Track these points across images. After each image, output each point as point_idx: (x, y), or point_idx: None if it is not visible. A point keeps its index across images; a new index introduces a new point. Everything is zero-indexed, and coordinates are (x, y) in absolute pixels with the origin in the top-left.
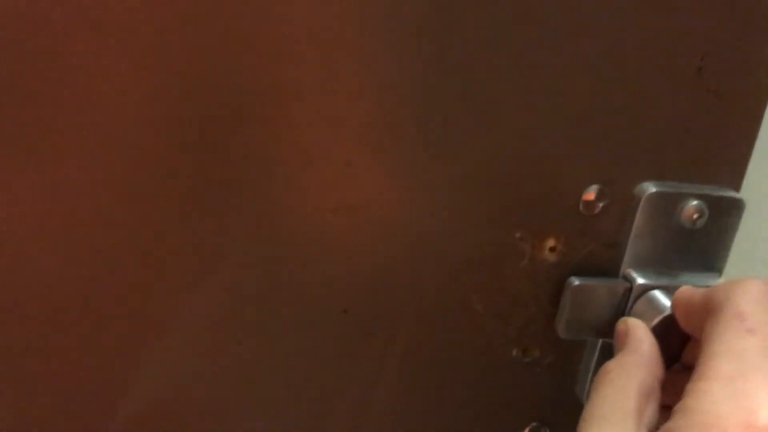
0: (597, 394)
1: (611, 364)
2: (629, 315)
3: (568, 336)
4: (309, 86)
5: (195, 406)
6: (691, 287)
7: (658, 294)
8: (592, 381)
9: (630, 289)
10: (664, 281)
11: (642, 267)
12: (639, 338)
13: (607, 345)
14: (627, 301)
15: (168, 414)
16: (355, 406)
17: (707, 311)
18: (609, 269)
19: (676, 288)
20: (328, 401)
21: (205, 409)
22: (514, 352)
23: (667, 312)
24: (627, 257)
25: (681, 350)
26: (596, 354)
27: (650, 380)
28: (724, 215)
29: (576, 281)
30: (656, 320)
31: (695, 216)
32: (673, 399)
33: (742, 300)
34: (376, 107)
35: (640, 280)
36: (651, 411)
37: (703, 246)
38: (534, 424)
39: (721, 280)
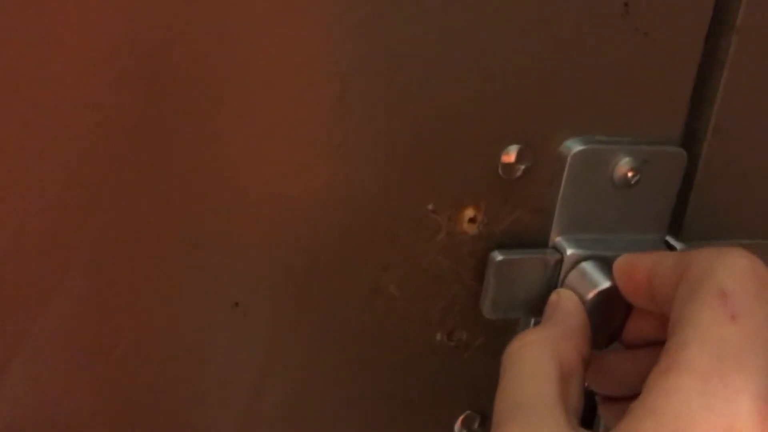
0: (512, 374)
1: (529, 336)
2: (563, 287)
3: (494, 316)
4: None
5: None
6: (633, 254)
7: (592, 264)
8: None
9: (561, 261)
10: (598, 249)
11: (573, 234)
12: (567, 311)
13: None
14: (558, 274)
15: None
16: (250, 407)
17: (679, 281)
18: (538, 238)
19: (612, 258)
20: (217, 405)
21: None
22: (438, 336)
23: (606, 285)
24: (556, 224)
25: (623, 325)
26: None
27: (574, 358)
28: (663, 171)
29: (499, 256)
30: (593, 293)
31: (629, 174)
32: (610, 386)
33: (725, 276)
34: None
35: (571, 250)
36: (575, 394)
37: (640, 207)
38: (467, 412)
39: (666, 245)
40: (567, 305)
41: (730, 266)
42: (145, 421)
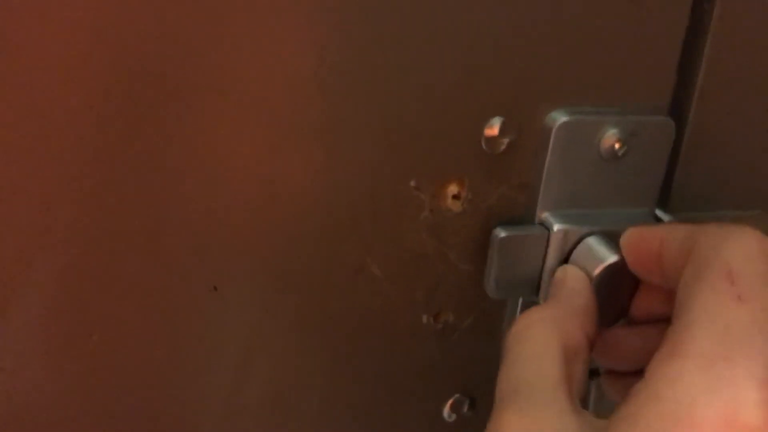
0: (515, 354)
1: (533, 316)
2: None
3: (499, 296)
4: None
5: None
6: (642, 227)
7: (598, 239)
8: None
9: (563, 236)
10: (587, 224)
11: (560, 209)
12: (573, 289)
13: (530, 303)
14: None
15: (10, 420)
16: (233, 393)
17: (686, 259)
18: (524, 215)
19: (611, 232)
20: (200, 391)
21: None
22: (425, 319)
23: (613, 259)
24: (542, 199)
25: (630, 301)
26: (518, 313)
27: (579, 338)
28: (650, 142)
29: (502, 232)
30: (599, 269)
31: (616, 145)
32: (615, 361)
33: (733, 256)
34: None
35: (557, 226)
36: (579, 376)
37: (628, 179)
38: (456, 395)
39: (657, 218)
40: (573, 283)
41: (737, 246)
42: (125, 411)
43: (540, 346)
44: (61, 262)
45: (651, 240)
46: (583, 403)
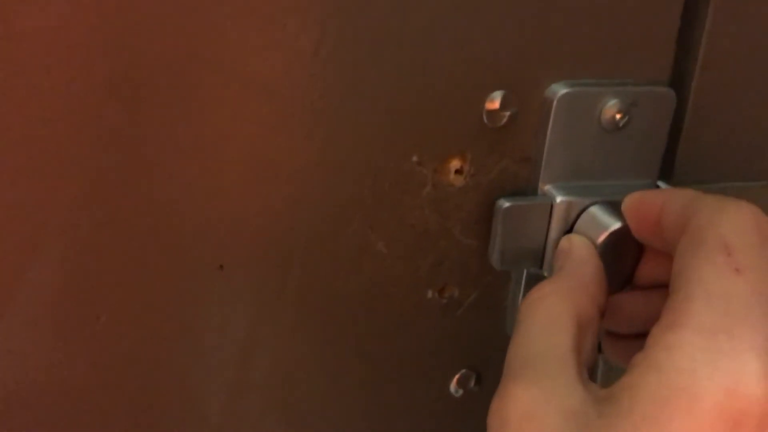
0: (527, 326)
1: (545, 288)
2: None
3: (503, 268)
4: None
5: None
6: (643, 191)
7: (601, 207)
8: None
9: (567, 206)
10: (589, 196)
11: (562, 181)
12: (581, 259)
13: (534, 276)
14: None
15: (18, 404)
16: (239, 373)
17: (684, 227)
18: (526, 189)
19: (616, 203)
20: (207, 369)
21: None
22: (430, 294)
23: (617, 225)
24: (544, 172)
25: (634, 268)
26: (522, 287)
27: (591, 309)
28: (652, 112)
29: (506, 203)
30: (604, 236)
31: (617, 116)
32: (618, 324)
33: (728, 229)
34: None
35: (560, 198)
36: (589, 347)
37: (630, 151)
38: (463, 371)
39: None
40: (581, 253)
41: (733, 219)
42: (133, 390)
43: (553, 319)
44: (67, 245)
45: (651, 205)
46: (592, 373)
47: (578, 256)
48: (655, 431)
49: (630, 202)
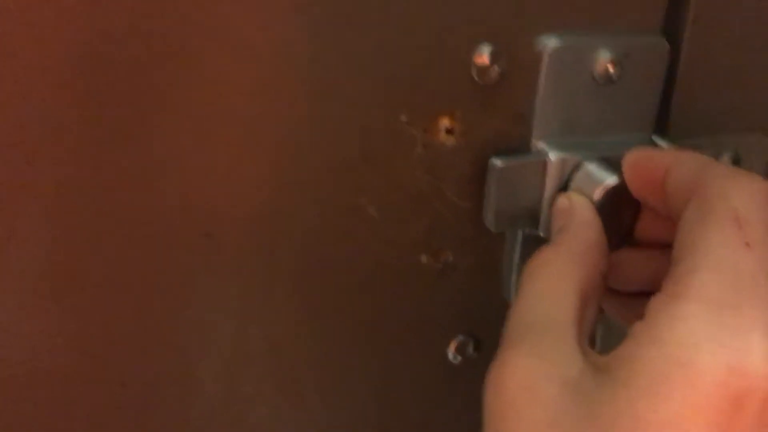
0: (528, 293)
1: (549, 253)
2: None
3: (498, 229)
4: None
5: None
6: (649, 149)
7: (597, 163)
8: (520, 275)
9: (563, 164)
10: (583, 151)
11: (556, 138)
12: (585, 221)
13: (530, 237)
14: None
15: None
16: (235, 341)
17: (691, 194)
18: (520, 147)
19: (612, 159)
20: (200, 338)
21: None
22: (424, 259)
23: (614, 181)
24: (536, 128)
25: (633, 225)
26: (518, 249)
27: (595, 276)
28: (645, 63)
29: (499, 162)
30: (601, 192)
31: (610, 68)
32: (617, 282)
33: (740, 201)
34: None
35: (555, 154)
36: (591, 315)
37: (624, 104)
38: (460, 337)
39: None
40: (583, 215)
41: (745, 191)
42: (123, 361)
43: (555, 286)
44: (49, 212)
45: (656, 165)
46: (592, 336)
47: (580, 219)
48: (654, 406)
49: (632, 160)
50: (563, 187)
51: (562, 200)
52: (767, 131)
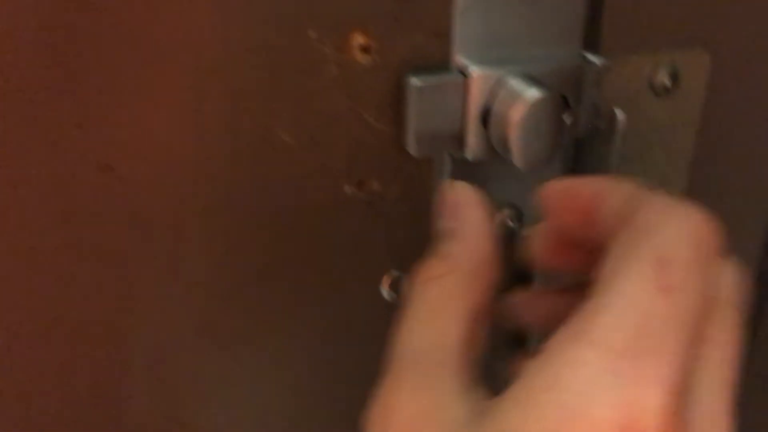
0: (417, 313)
1: (438, 268)
2: (490, 114)
3: (421, 153)
4: None
5: None
6: (563, 180)
7: (521, 80)
8: None
9: (484, 82)
10: (509, 66)
11: (478, 52)
12: (476, 227)
13: (460, 162)
14: (467, 98)
15: None
16: (161, 291)
17: (621, 227)
18: (441, 64)
19: (539, 73)
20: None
21: None
22: (347, 189)
23: (538, 95)
24: (458, 42)
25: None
26: (447, 174)
27: (488, 295)
28: None
29: (416, 80)
30: (524, 108)
31: None
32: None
33: (668, 239)
34: None
35: (477, 70)
36: (483, 332)
37: (549, 13)
38: (394, 272)
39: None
40: (474, 215)
41: (675, 228)
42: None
43: (445, 306)
44: None
45: (579, 194)
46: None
47: (471, 223)
48: None
49: (550, 192)
50: (489, 106)
51: (449, 192)
52: (707, 46)
